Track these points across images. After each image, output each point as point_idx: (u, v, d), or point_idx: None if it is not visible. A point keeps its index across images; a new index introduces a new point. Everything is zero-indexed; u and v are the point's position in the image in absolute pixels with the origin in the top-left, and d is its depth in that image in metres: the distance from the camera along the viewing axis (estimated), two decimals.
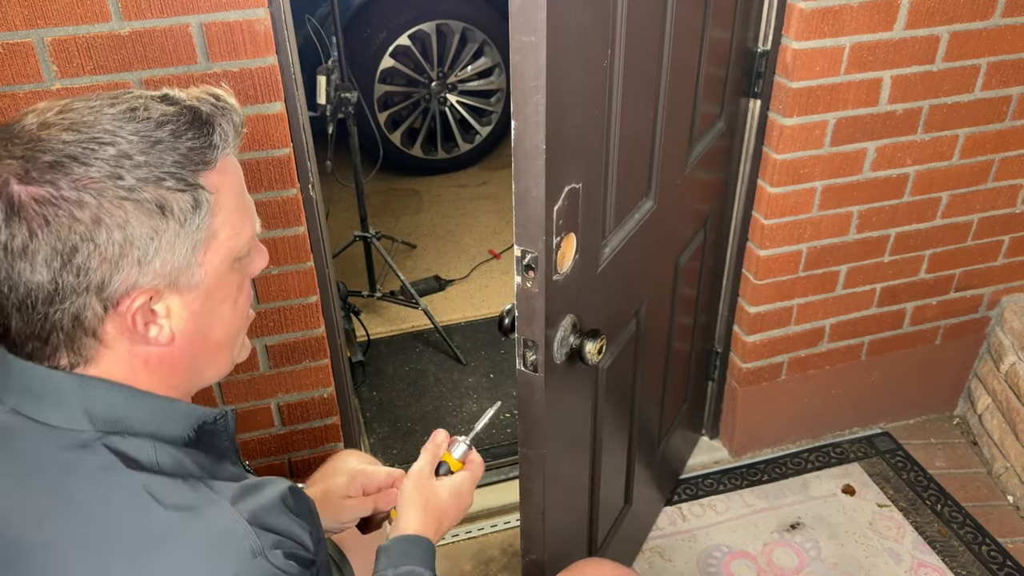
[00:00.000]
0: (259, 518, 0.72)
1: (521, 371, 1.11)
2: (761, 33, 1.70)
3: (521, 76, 0.89)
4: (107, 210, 0.67)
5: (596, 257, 1.20)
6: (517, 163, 0.95)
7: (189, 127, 0.72)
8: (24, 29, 1.26)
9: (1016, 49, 1.80)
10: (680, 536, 2.01)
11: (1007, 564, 1.94)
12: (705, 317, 2.02)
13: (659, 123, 1.32)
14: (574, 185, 1.04)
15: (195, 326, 0.76)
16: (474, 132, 3.74)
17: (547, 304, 1.04)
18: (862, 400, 2.27)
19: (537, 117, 0.91)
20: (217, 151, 0.73)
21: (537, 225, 0.98)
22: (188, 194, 0.71)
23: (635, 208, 1.35)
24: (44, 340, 0.71)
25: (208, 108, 0.74)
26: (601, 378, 1.36)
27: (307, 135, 1.52)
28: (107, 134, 0.69)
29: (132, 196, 0.68)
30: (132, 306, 0.71)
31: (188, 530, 0.69)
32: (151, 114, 0.71)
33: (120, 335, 0.72)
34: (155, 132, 0.70)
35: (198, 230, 0.72)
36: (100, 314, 0.70)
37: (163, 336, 0.74)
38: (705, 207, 1.78)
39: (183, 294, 0.74)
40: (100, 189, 0.67)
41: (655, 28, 1.22)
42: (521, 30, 0.87)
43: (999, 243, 2.11)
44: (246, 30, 1.35)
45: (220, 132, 0.74)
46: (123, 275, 0.69)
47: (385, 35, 3.34)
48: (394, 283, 2.97)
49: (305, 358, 1.71)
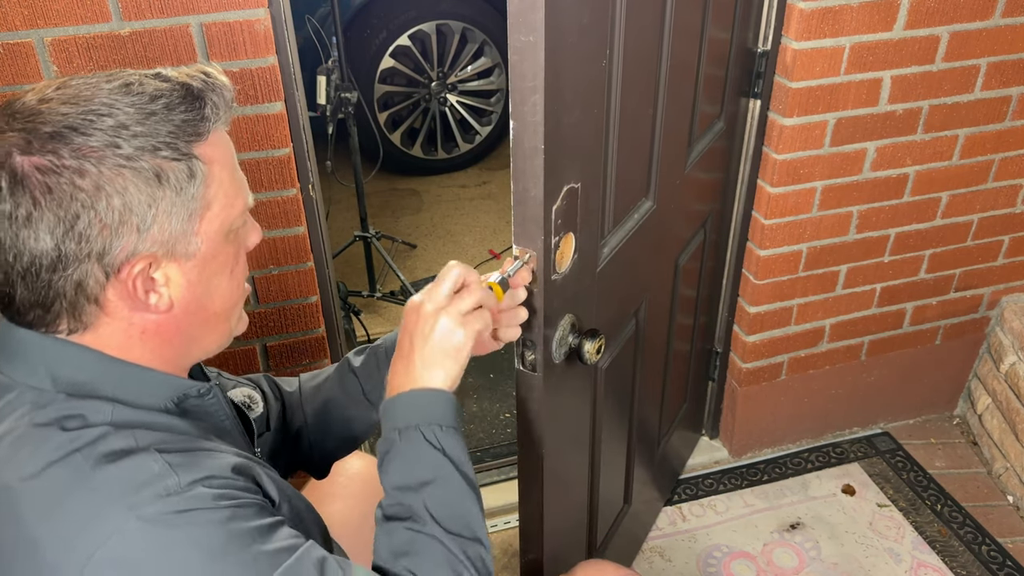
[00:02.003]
0: (183, 461, 0.73)
1: (520, 370, 1.11)
2: (761, 33, 1.70)
3: (519, 76, 0.89)
4: (107, 178, 0.70)
5: (595, 257, 1.20)
6: (515, 163, 0.95)
7: (182, 101, 0.74)
8: (24, 29, 1.26)
9: (1016, 49, 1.80)
10: (680, 536, 2.01)
11: (1007, 564, 1.94)
12: (705, 317, 2.02)
13: (658, 123, 1.32)
14: (573, 185, 1.04)
15: (193, 295, 0.78)
16: (474, 132, 3.74)
17: (546, 304, 1.04)
18: (862, 400, 2.27)
19: (535, 117, 0.91)
20: (209, 123, 0.76)
21: (536, 225, 0.98)
22: (183, 163, 0.73)
23: (634, 208, 1.35)
24: (47, 308, 0.74)
25: (200, 84, 0.76)
26: (600, 378, 1.36)
27: (307, 135, 1.52)
28: (104, 106, 0.71)
29: (130, 164, 0.70)
30: (132, 271, 0.73)
31: (102, 473, 0.70)
32: (145, 89, 0.73)
33: (121, 302, 0.75)
34: (149, 105, 0.73)
35: (193, 199, 0.75)
36: (102, 281, 0.73)
37: (163, 303, 0.76)
38: (705, 207, 1.78)
39: (181, 262, 0.76)
40: (100, 157, 0.70)
41: (654, 28, 1.22)
42: (519, 30, 0.87)
43: (999, 243, 2.11)
44: (246, 30, 1.35)
45: (212, 106, 0.76)
46: (123, 242, 0.72)
47: (385, 35, 3.34)
48: (394, 283, 2.97)
49: (305, 358, 1.71)
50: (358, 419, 1.15)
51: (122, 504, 0.69)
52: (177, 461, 0.73)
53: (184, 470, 0.72)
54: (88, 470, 0.70)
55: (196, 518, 0.70)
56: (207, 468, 0.74)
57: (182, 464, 0.72)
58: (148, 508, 0.69)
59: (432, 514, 0.86)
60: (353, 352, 1.15)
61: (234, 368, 1.66)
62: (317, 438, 1.16)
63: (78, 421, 0.73)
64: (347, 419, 1.15)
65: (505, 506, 2.08)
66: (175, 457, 0.73)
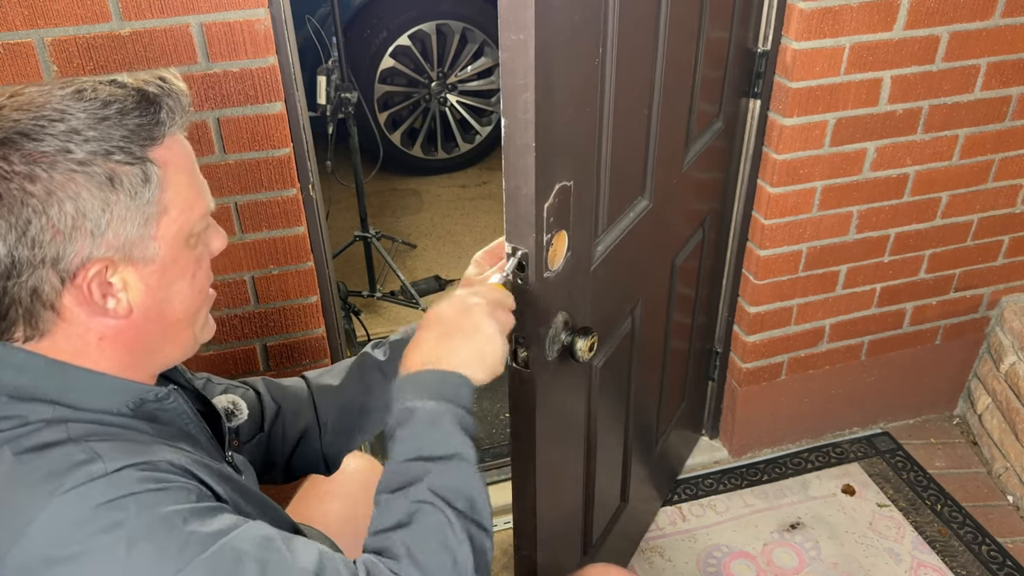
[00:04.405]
0: (113, 448, 0.73)
1: (513, 367, 1.11)
2: (761, 33, 1.70)
3: (510, 73, 0.90)
4: (59, 183, 0.70)
5: (588, 255, 1.20)
6: (507, 160, 0.95)
7: (136, 106, 0.74)
8: (24, 29, 1.26)
9: (1016, 49, 1.80)
10: (680, 536, 2.01)
11: (1007, 564, 1.94)
12: (705, 317, 2.02)
13: (654, 122, 1.31)
14: (565, 183, 1.04)
15: (153, 300, 0.78)
16: (474, 132, 3.74)
17: (538, 301, 1.04)
18: (862, 400, 2.27)
19: (527, 115, 0.91)
20: (164, 128, 0.76)
21: (527, 222, 0.98)
22: (137, 167, 0.73)
23: (629, 207, 1.34)
24: (3, 315, 0.74)
25: (155, 89, 0.76)
26: (595, 376, 1.36)
27: (307, 135, 1.52)
28: (56, 112, 0.71)
29: (83, 169, 0.70)
30: (87, 276, 0.73)
31: (23, 466, 0.70)
32: (98, 95, 0.73)
33: (78, 307, 0.75)
34: (103, 110, 0.73)
35: (149, 204, 0.74)
36: (57, 287, 0.73)
37: (121, 308, 0.76)
38: (703, 207, 1.78)
39: (138, 267, 0.76)
40: (51, 163, 0.69)
41: (648, 26, 1.22)
42: (510, 28, 0.87)
43: (999, 243, 2.11)
44: (246, 30, 1.35)
45: (167, 110, 0.76)
46: (77, 247, 0.71)
47: (385, 35, 3.34)
48: (394, 283, 2.97)
49: (305, 358, 1.71)
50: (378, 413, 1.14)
51: (43, 490, 0.68)
52: (106, 449, 0.72)
53: (112, 458, 0.71)
54: (12, 460, 0.70)
55: (121, 502, 0.69)
56: (140, 456, 0.73)
57: (111, 451, 0.72)
58: (69, 494, 0.68)
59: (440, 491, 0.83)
60: (371, 346, 1.14)
61: (234, 368, 1.66)
62: (333, 436, 1.15)
63: (16, 421, 0.73)
64: (367, 414, 1.14)
65: (505, 506, 2.06)
66: (105, 445, 0.72)
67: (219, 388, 1.07)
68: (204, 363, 1.63)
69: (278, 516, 0.92)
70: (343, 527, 1.27)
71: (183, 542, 0.69)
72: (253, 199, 1.50)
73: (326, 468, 1.19)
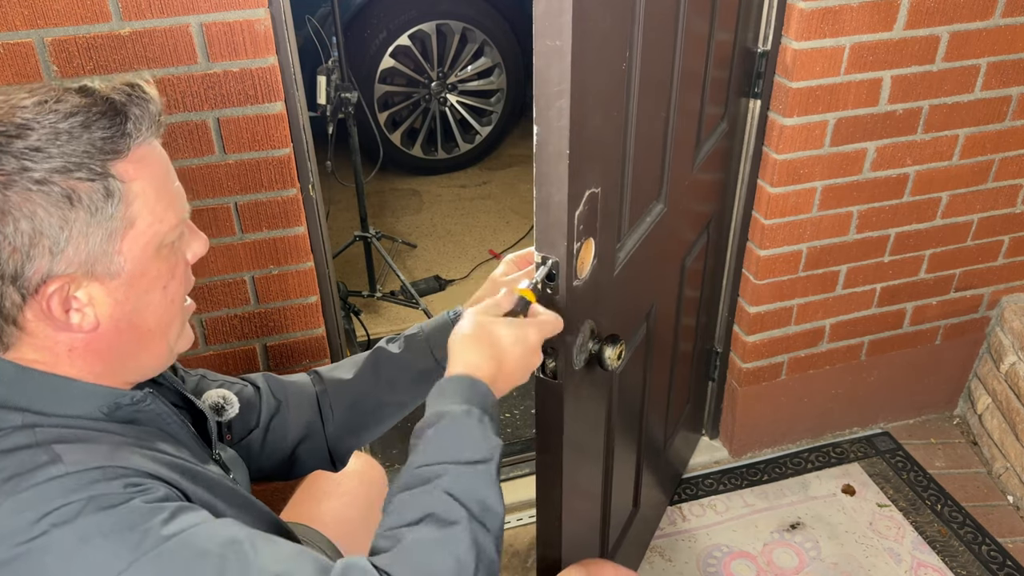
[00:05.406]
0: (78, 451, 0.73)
1: (540, 378, 1.09)
2: (761, 33, 1.70)
3: (545, 80, 0.88)
4: (14, 203, 0.69)
5: (612, 261, 1.19)
6: (539, 168, 0.93)
7: (101, 117, 0.73)
8: (24, 29, 1.26)
9: (1016, 49, 1.80)
10: (680, 536, 2.01)
11: (1007, 564, 1.94)
12: (705, 317, 2.02)
13: (671, 125, 1.31)
14: (594, 190, 1.03)
15: (122, 312, 0.78)
16: (474, 132, 3.74)
17: (566, 310, 1.03)
18: (862, 400, 2.27)
19: (561, 122, 0.89)
20: (130, 140, 0.75)
21: (559, 231, 0.97)
22: (98, 183, 0.72)
23: (647, 211, 1.34)
24: None
25: (122, 98, 0.75)
26: (615, 382, 1.35)
27: (307, 135, 1.52)
28: (15, 128, 0.70)
29: (39, 188, 0.70)
30: (47, 292, 0.73)
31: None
32: (62, 107, 0.72)
33: (41, 322, 0.75)
34: (64, 122, 0.72)
35: (111, 219, 0.74)
36: (19, 302, 0.73)
37: (86, 323, 0.76)
38: (708, 208, 1.78)
39: (104, 282, 0.75)
40: (6, 182, 0.69)
41: (668, 31, 1.22)
42: (546, 34, 0.86)
43: (999, 243, 2.11)
44: (246, 30, 1.35)
45: (134, 121, 0.75)
46: (36, 264, 0.71)
47: (385, 35, 3.34)
48: (394, 283, 2.97)
49: (305, 358, 1.71)
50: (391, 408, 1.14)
51: (3, 491, 0.69)
52: (69, 451, 0.72)
53: (74, 461, 0.71)
54: None
55: (76, 501, 0.69)
56: (106, 459, 0.73)
57: (74, 454, 0.72)
58: (26, 492, 0.68)
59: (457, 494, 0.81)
60: (385, 341, 1.14)
61: (234, 368, 1.66)
62: (342, 431, 1.15)
63: None
64: (380, 408, 1.14)
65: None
66: (69, 448, 0.72)
67: (214, 384, 1.06)
68: (204, 363, 1.62)
69: (262, 515, 0.92)
70: (340, 527, 1.27)
71: (138, 538, 0.69)
72: (253, 199, 1.50)
73: (332, 464, 1.19)
